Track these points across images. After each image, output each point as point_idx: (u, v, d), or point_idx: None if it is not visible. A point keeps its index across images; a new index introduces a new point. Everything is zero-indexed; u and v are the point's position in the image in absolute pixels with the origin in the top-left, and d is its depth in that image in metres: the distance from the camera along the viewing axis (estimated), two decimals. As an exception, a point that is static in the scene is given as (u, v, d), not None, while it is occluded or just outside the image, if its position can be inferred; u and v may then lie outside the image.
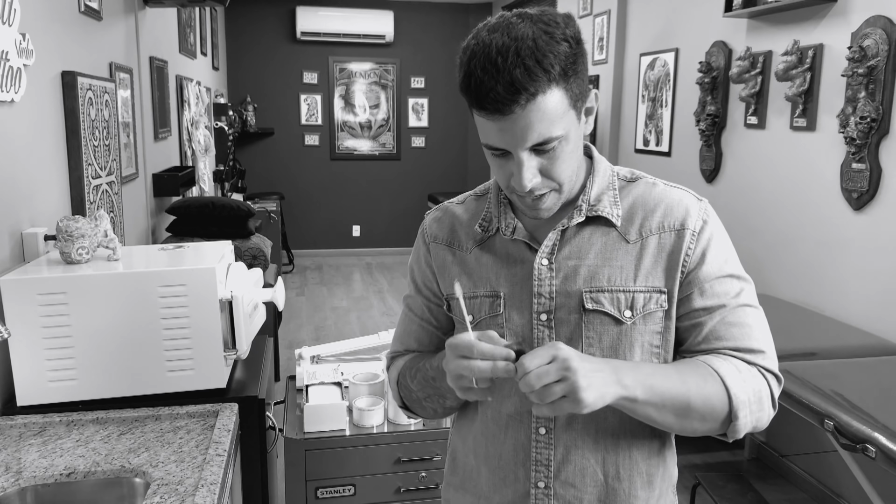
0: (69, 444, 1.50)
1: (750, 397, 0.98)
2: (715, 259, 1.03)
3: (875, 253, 2.67)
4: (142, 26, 3.44)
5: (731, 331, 1.02)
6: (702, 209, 1.05)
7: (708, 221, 1.04)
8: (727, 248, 1.06)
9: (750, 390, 0.98)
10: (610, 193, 1.07)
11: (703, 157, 3.79)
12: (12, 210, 1.81)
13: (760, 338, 1.03)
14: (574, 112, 0.96)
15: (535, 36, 0.91)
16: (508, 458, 1.09)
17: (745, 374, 0.99)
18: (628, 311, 1.02)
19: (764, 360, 1.02)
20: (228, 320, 1.72)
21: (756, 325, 1.03)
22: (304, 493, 1.80)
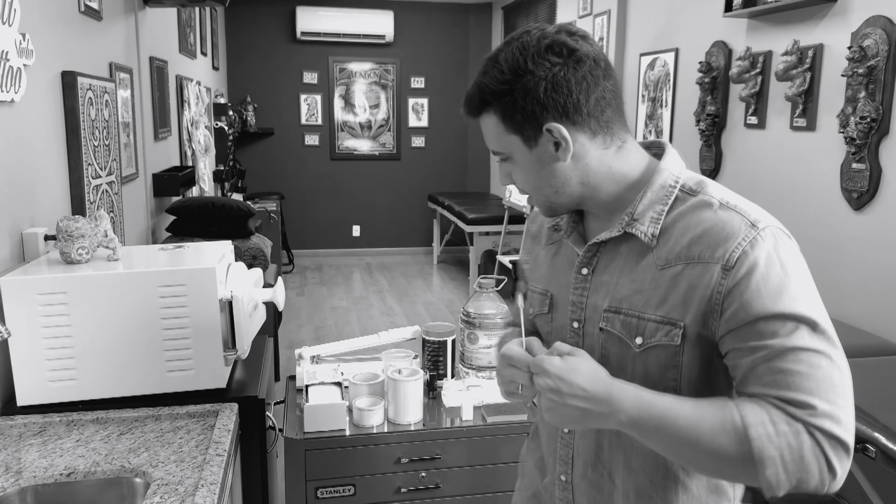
0: (69, 444, 1.50)
1: (783, 454, 0.86)
2: (758, 295, 0.91)
3: (875, 253, 2.67)
4: (142, 26, 3.44)
5: (774, 377, 0.89)
6: (748, 238, 0.94)
7: (750, 253, 0.93)
8: (784, 282, 0.93)
9: (784, 444, 0.86)
10: (657, 209, 1.00)
11: (703, 157, 3.79)
12: (12, 210, 1.81)
13: (813, 389, 0.88)
14: (518, 138, 0.99)
15: (499, 60, 0.97)
16: (546, 451, 1.20)
17: (781, 426, 0.87)
18: (639, 337, 0.98)
19: (813, 416, 0.86)
20: (228, 320, 1.72)
21: (810, 373, 0.88)
22: (304, 493, 1.80)
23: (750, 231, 0.95)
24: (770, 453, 0.86)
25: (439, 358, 2.03)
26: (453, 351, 2.05)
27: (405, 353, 2.01)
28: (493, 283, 2.04)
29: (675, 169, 1.03)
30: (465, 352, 2.07)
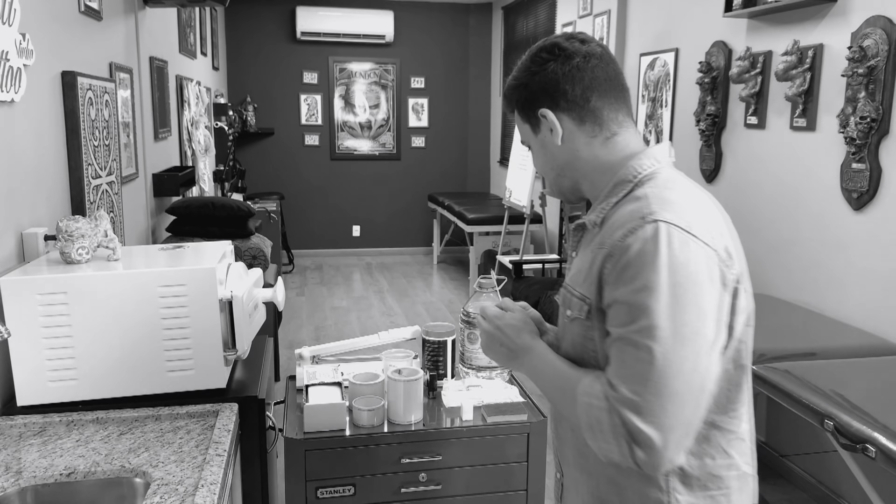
0: (69, 444, 1.50)
1: (592, 423, 0.99)
2: (617, 280, 0.98)
3: (875, 253, 2.67)
4: (142, 26, 3.44)
5: (610, 358, 1.00)
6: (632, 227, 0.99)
7: (627, 240, 0.98)
8: (642, 273, 0.96)
9: (594, 416, 0.99)
10: (609, 200, 1.10)
11: (703, 157, 3.79)
12: (12, 210, 1.81)
13: (626, 377, 0.96)
14: (528, 126, 1.18)
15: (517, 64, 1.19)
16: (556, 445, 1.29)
17: (598, 401, 0.98)
18: (569, 310, 1.11)
19: (618, 400, 0.95)
20: (228, 320, 1.72)
21: (629, 363, 0.96)
22: (304, 493, 1.80)
23: (638, 221, 0.99)
24: (585, 420, 1.01)
25: (439, 358, 2.03)
26: (453, 351, 2.05)
27: (405, 353, 2.01)
28: (493, 283, 2.04)
29: (642, 164, 1.09)
30: (465, 352, 2.07)
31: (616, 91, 1.14)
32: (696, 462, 1.06)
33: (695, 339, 0.95)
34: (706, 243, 0.98)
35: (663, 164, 1.10)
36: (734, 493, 1.08)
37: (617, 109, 1.13)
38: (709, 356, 0.97)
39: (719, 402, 1.05)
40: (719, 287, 0.98)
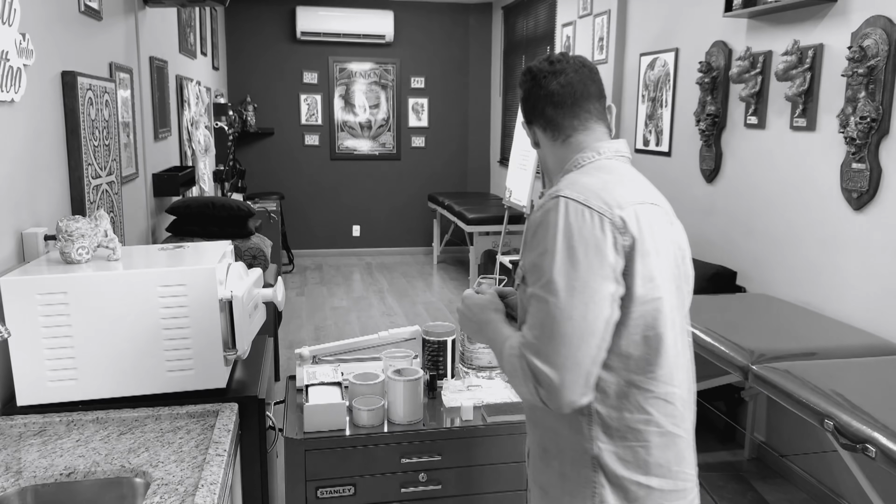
0: (69, 444, 1.50)
1: (509, 369, 1.18)
2: (527, 247, 1.20)
3: (875, 253, 2.67)
4: (142, 26, 3.44)
5: (522, 312, 1.21)
6: (542, 202, 1.21)
7: (537, 213, 1.19)
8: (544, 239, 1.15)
9: (510, 363, 1.18)
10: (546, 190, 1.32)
11: (703, 157, 3.79)
12: (12, 210, 1.81)
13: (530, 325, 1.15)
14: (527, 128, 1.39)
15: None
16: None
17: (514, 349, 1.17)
18: (516, 280, 1.28)
19: (523, 345, 1.15)
20: (228, 320, 1.72)
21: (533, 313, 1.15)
22: (304, 493, 1.80)
23: (547, 199, 1.20)
24: (508, 368, 1.19)
25: (439, 358, 2.03)
26: (453, 351, 2.05)
27: (405, 353, 2.01)
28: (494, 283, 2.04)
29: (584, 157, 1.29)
30: (465, 352, 2.07)
31: (571, 99, 1.30)
32: (616, 415, 1.20)
33: (584, 291, 1.11)
34: (600, 213, 1.15)
35: (604, 156, 1.29)
36: (654, 447, 1.20)
37: (573, 115, 1.30)
38: (598, 305, 1.12)
39: (638, 364, 1.18)
40: (610, 250, 1.13)
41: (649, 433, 1.19)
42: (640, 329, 1.16)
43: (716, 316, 2.75)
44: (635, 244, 1.14)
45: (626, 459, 1.20)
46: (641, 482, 1.20)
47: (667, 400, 1.20)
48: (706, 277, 3.36)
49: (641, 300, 1.15)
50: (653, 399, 1.19)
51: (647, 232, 1.16)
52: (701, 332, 2.60)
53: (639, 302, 1.15)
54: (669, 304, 1.19)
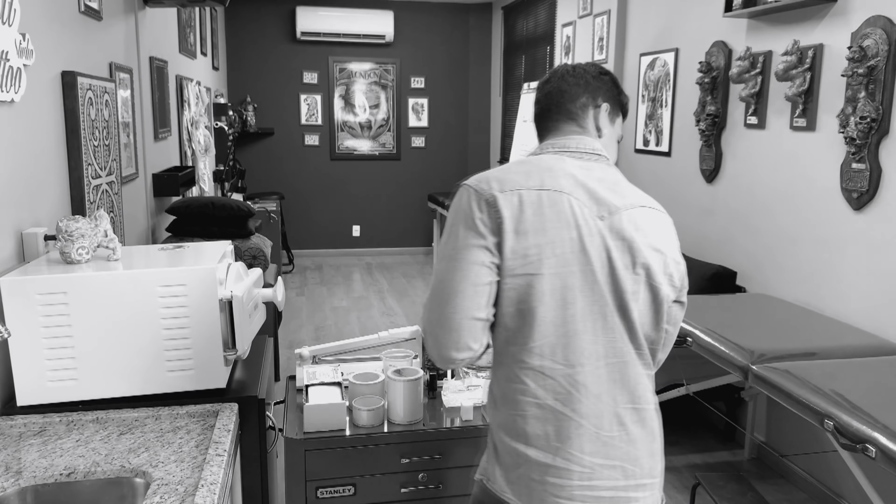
0: (69, 444, 1.50)
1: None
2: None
3: (875, 253, 2.67)
4: (142, 26, 3.44)
5: None
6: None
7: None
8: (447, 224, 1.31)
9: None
10: None
11: (703, 157, 3.79)
12: (12, 210, 1.81)
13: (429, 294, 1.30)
14: None
15: None
16: None
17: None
18: None
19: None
20: (228, 320, 1.72)
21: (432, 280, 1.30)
22: (304, 493, 1.80)
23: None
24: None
25: (439, 358, 2.03)
26: (453, 351, 2.05)
27: (405, 353, 2.01)
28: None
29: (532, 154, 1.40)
30: (465, 352, 2.07)
31: (545, 107, 1.42)
32: (496, 384, 1.33)
33: (454, 258, 1.25)
34: (478, 192, 1.27)
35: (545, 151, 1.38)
36: (531, 419, 1.27)
37: (548, 118, 1.41)
38: (464, 270, 1.23)
39: (514, 335, 1.27)
40: (480, 223, 1.25)
41: (526, 403, 1.27)
42: (513, 301, 1.25)
43: (716, 316, 2.75)
44: (504, 222, 1.23)
45: (509, 428, 1.29)
46: (520, 451, 1.28)
47: (544, 374, 1.26)
48: (706, 277, 3.36)
49: (511, 273, 1.24)
50: (529, 370, 1.27)
51: (528, 213, 1.24)
52: (701, 332, 2.60)
53: (509, 275, 1.24)
54: (553, 284, 1.24)
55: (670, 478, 3.13)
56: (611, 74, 1.45)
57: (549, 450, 1.26)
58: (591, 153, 1.37)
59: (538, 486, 1.26)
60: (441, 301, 1.25)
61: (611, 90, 1.44)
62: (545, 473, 1.26)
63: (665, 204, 4.20)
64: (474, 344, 1.26)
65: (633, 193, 1.33)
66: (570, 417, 1.26)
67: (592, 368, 1.26)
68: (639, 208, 1.31)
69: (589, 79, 1.41)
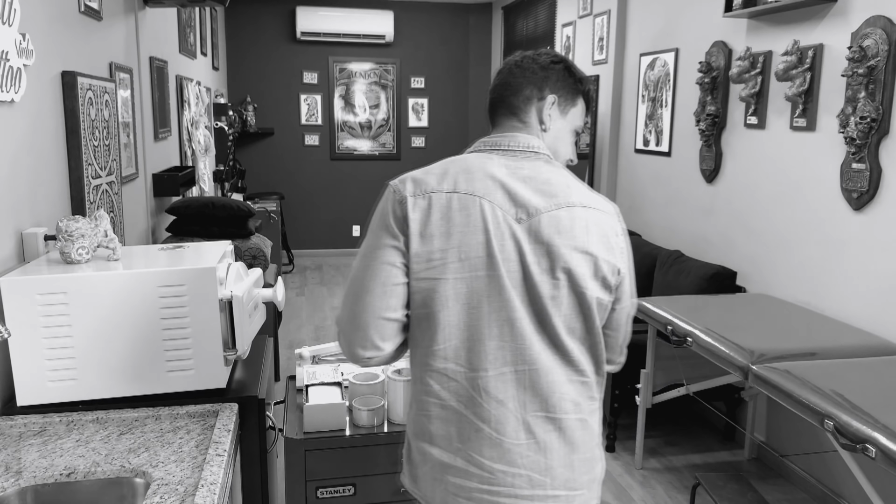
0: (69, 444, 1.50)
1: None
2: None
3: (875, 253, 2.67)
4: (142, 26, 3.44)
5: None
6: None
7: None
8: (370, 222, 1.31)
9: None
10: None
11: (703, 157, 3.79)
12: (12, 210, 1.81)
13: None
14: None
15: None
16: None
17: None
18: None
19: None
20: (228, 320, 1.72)
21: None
22: (304, 493, 1.80)
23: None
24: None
25: (439, 358, 2.03)
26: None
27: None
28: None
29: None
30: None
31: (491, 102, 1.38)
32: (413, 386, 1.32)
33: (366, 256, 1.26)
34: (394, 191, 1.27)
35: (472, 148, 1.35)
36: (435, 419, 1.27)
37: (492, 114, 1.38)
38: (375, 269, 1.23)
39: (421, 337, 1.26)
40: (392, 224, 1.24)
41: (431, 404, 1.27)
42: (419, 304, 1.24)
43: (716, 316, 2.75)
44: (409, 224, 1.23)
45: (416, 427, 1.31)
46: (425, 449, 1.28)
47: (448, 376, 1.25)
48: (706, 277, 3.36)
49: (416, 277, 1.23)
50: (433, 372, 1.26)
51: (435, 217, 1.22)
52: (701, 332, 2.60)
53: (414, 278, 1.23)
54: (458, 289, 1.22)
55: (671, 478, 3.13)
56: (565, 62, 1.36)
57: (450, 450, 1.26)
58: (524, 150, 1.31)
59: (440, 485, 1.27)
60: (352, 299, 1.26)
61: (562, 79, 1.35)
62: (446, 472, 1.26)
63: (665, 204, 4.20)
64: (382, 343, 1.25)
65: (564, 192, 1.26)
66: (471, 420, 1.24)
67: (497, 374, 1.23)
68: (566, 208, 1.24)
69: (536, 69, 1.33)
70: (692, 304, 2.92)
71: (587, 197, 1.28)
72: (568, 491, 1.26)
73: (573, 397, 1.26)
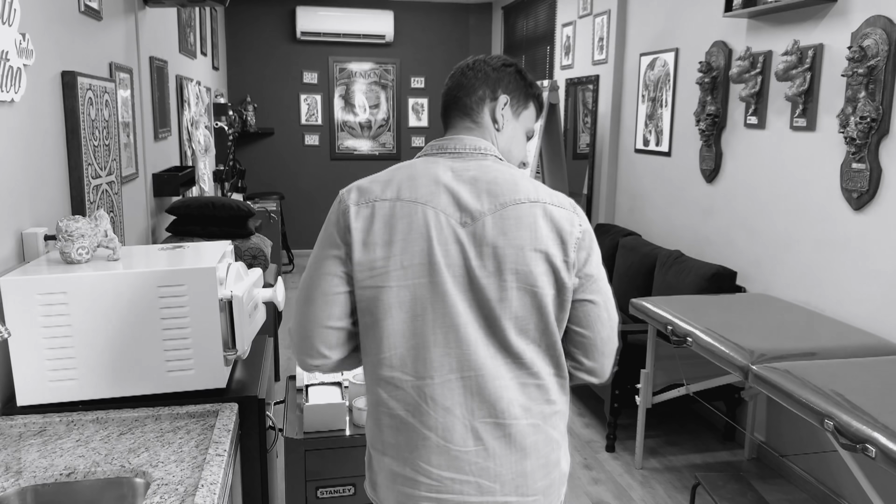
0: (69, 444, 1.50)
1: None
2: None
3: (875, 253, 2.67)
4: (142, 26, 3.44)
5: None
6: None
7: None
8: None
9: None
10: None
11: (703, 157, 3.79)
12: (12, 210, 1.81)
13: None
14: None
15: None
16: None
17: None
18: None
19: None
20: (228, 320, 1.72)
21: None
22: (304, 493, 1.80)
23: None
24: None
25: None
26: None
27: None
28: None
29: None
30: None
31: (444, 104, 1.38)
32: (367, 395, 1.32)
33: (312, 266, 1.29)
34: (339, 201, 1.29)
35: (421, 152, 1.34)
36: (386, 428, 1.27)
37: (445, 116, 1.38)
38: (319, 278, 1.26)
39: (367, 345, 1.27)
40: (335, 234, 1.27)
41: (380, 413, 1.27)
42: (364, 313, 1.25)
43: (716, 316, 2.75)
44: (352, 233, 1.24)
45: (372, 437, 1.31)
46: (379, 457, 1.30)
47: (395, 385, 1.25)
48: (706, 277, 3.36)
49: (360, 285, 1.24)
50: (381, 381, 1.26)
51: (378, 226, 1.23)
52: (701, 332, 2.60)
53: (358, 287, 1.24)
54: (401, 297, 1.22)
55: (671, 478, 3.13)
56: (515, 65, 1.38)
57: (400, 459, 1.26)
58: (472, 151, 1.30)
59: (392, 494, 1.28)
60: (298, 308, 1.29)
61: (514, 81, 1.36)
62: (395, 481, 1.27)
63: (665, 204, 4.21)
64: (328, 352, 1.26)
65: (511, 190, 1.23)
66: (417, 429, 1.24)
67: (443, 381, 1.22)
68: (513, 206, 1.22)
69: (489, 71, 1.34)
70: (692, 304, 2.92)
71: (537, 193, 1.25)
72: (520, 497, 1.25)
73: (523, 402, 1.24)
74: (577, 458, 3.32)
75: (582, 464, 3.26)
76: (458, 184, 1.24)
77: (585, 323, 1.27)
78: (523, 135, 1.40)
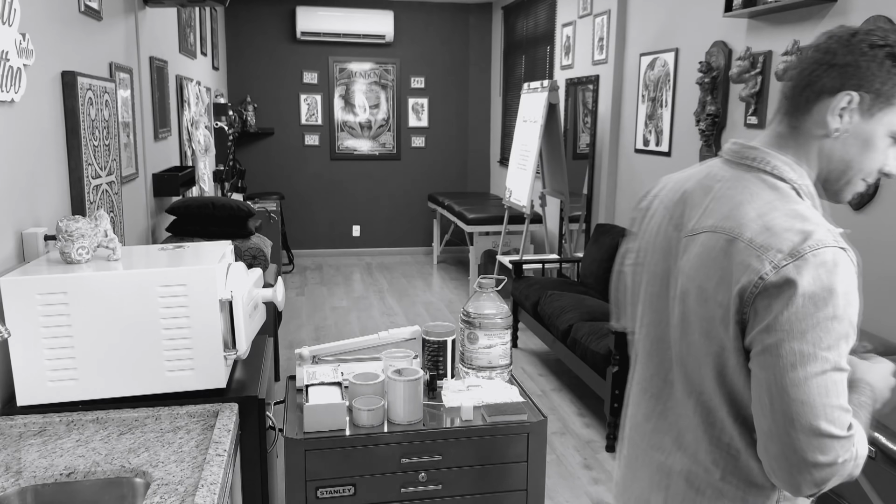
0: (69, 444, 1.50)
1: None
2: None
3: (875, 253, 2.67)
4: (142, 26, 3.44)
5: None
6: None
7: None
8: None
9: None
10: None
11: (703, 157, 3.79)
12: (12, 210, 1.81)
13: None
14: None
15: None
16: None
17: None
18: None
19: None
20: (228, 320, 1.72)
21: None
22: (304, 493, 1.80)
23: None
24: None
25: (439, 358, 2.03)
26: (453, 351, 2.05)
27: (405, 353, 2.01)
28: (493, 283, 2.04)
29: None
30: (465, 352, 2.07)
31: (780, 92, 1.14)
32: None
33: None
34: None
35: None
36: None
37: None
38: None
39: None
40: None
41: None
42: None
43: (716, 316, 2.75)
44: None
45: None
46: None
47: None
48: (706, 277, 3.35)
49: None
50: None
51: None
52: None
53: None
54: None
55: (670, 478, 3.13)
56: (890, 47, 1.01)
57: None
58: (741, 161, 1.09)
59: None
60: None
61: (882, 72, 1.00)
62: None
63: (665, 204, 4.20)
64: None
65: (723, 214, 1.04)
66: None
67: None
68: (707, 233, 1.05)
69: (843, 53, 1.01)
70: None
71: (752, 229, 0.99)
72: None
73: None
74: (577, 458, 3.32)
75: (582, 464, 3.26)
76: (697, 194, 1.15)
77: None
78: (884, 139, 1.06)
